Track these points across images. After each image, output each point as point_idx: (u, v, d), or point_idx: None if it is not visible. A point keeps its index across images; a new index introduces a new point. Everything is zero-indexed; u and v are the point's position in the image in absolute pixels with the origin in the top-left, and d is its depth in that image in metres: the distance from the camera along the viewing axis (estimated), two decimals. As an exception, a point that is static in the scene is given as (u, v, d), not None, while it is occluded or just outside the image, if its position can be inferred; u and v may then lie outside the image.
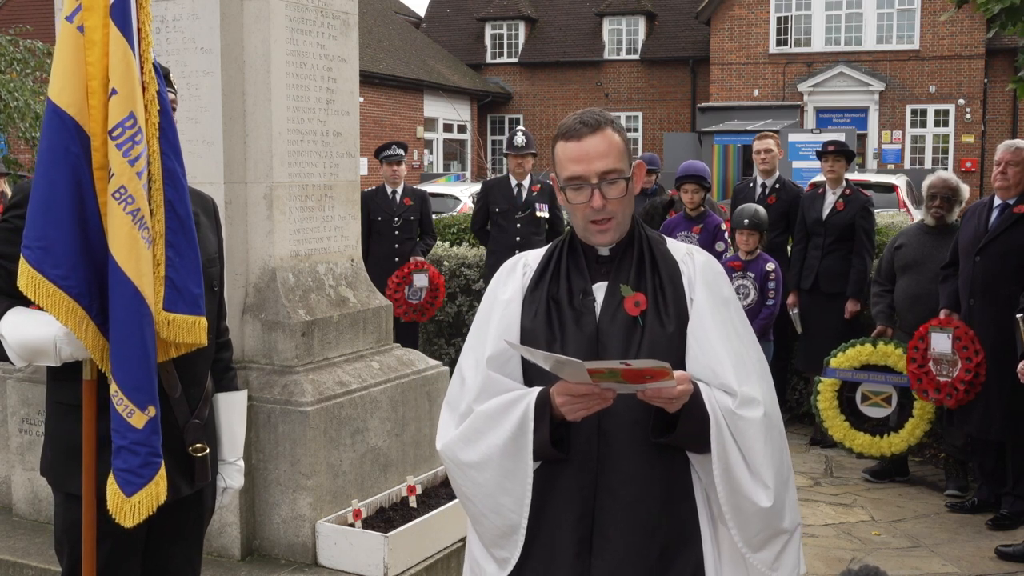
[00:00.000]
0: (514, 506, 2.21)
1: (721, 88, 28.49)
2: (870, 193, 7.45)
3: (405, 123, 28.57)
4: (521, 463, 2.18)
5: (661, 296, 2.25)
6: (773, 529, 2.23)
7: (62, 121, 2.49)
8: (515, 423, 2.17)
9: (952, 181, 6.05)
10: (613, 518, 2.20)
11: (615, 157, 2.24)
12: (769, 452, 2.19)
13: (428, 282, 7.68)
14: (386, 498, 4.45)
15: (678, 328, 2.23)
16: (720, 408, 2.16)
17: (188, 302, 2.61)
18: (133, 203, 2.49)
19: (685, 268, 2.30)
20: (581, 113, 2.31)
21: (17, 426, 4.55)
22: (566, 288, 2.29)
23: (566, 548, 2.21)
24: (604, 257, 2.32)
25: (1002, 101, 26.82)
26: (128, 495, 2.53)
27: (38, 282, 2.47)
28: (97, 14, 2.50)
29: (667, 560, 2.21)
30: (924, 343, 5.58)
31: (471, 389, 2.28)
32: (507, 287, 2.36)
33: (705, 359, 2.20)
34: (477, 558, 2.35)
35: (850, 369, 6.05)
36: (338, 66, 4.59)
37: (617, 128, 2.29)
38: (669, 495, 2.22)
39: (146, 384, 2.52)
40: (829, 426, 6.13)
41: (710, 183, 7.15)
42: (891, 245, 6.25)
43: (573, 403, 2.11)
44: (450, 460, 2.29)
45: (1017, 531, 5.29)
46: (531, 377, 2.27)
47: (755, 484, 2.18)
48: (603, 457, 2.20)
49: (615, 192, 2.23)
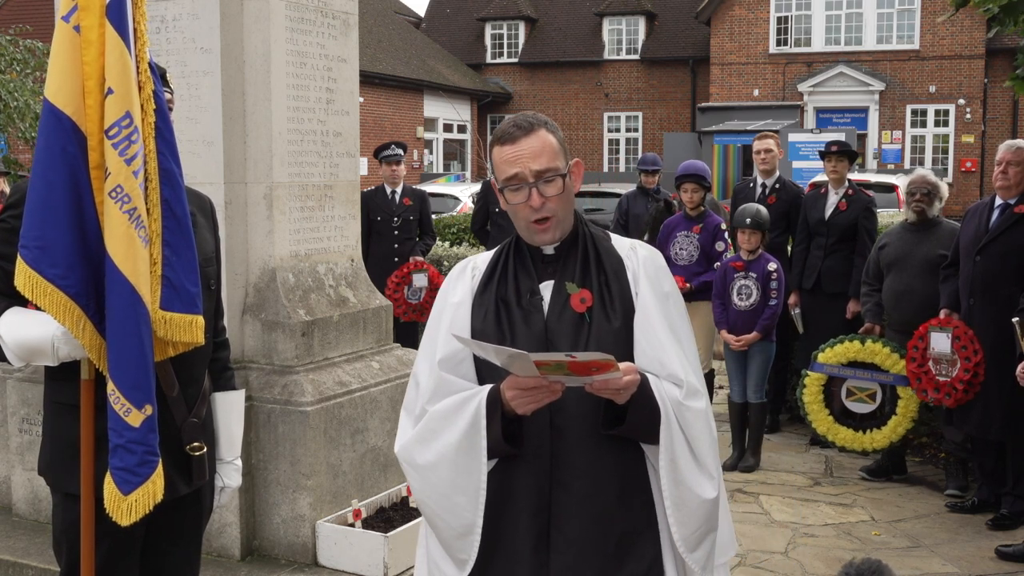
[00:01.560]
0: (468, 505, 2.23)
1: (721, 88, 28.49)
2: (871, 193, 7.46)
3: (405, 123, 28.56)
4: (475, 460, 2.21)
5: (607, 291, 2.30)
6: (709, 526, 2.27)
7: (59, 121, 2.49)
8: (467, 420, 2.20)
9: (931, 178, 6.12)
10: (568, 512, 2.23)
11: (549, 156, 2.28)
12: (712, 443, 2.26)
13: (428, 282, 7.68)
14: (386, 498, 4.45)
15: (624, 322, 2.28)
16: (668, 398, 2.20)
17: (185, 301, 2.62)
18: (130, 202, 2.49)
19: (629, 263, 2.34)
20: (514, 117, 2.35)
21: (17, 426, 4.55)
22: (514, 288, 2.34)
23: (524, 544, 2.24)
24: (549, 256, 2.37)
25: (1002, 101, 26.82)
26: (125, 493, 2.53)
27: (35, 281, 2.47)
28: (93, 14, 2.50)
29: (624, 551, 2.24)
30: (923, 343, 5.58)
31: (425, 391, 2.31)
32: (456, 290, 2.40)
33: (652, 351, 2.25)
34: (436, 560, 2.37)
35: (837, 365, 6.07)
36: (338, 66, 4.59)
37: (551, 129, 2.33)
38: (623, 487, 2.25)
39: (143, 383, 2.52)
40: (813, 420, 6.16)
41: (710, 182, 7.14)
42: (876, 245, 6.30)
43: (522, 396, 2.14)
44: (406, 462, 2.32)
45: (1017, 531, 5.28)
46: (484, 377, 2.30)
47: (701, 475, 2.23)
48: (556, 452, 2.24)
49: (552, 190, 2.28)
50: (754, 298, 6.35)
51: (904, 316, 5.90)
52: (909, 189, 6.14)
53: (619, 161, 31.81)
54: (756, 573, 4.81)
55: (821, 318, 6.86)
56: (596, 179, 19.44)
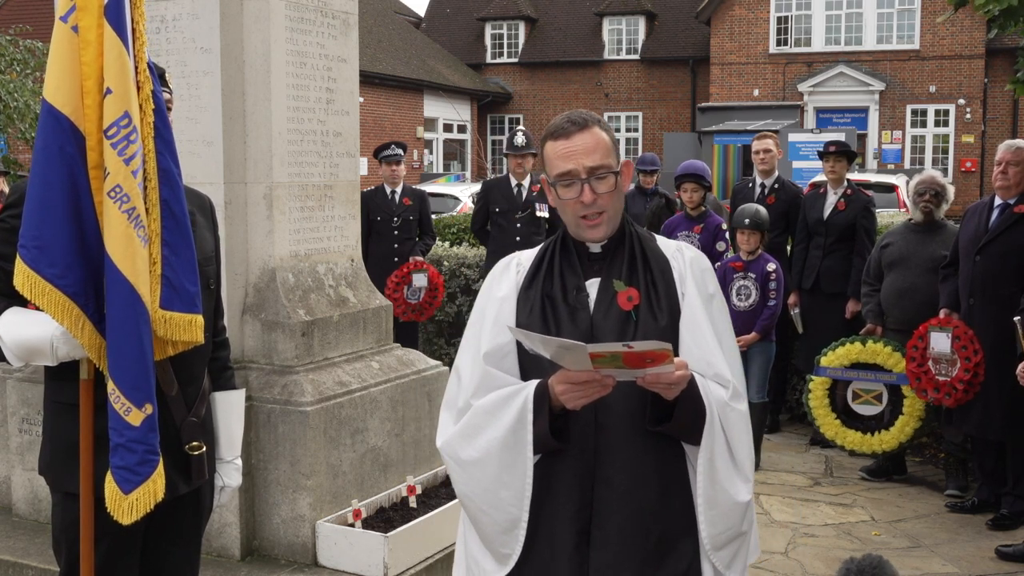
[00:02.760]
0: (514, 500, 2.23)
1: (721, 88, 28.49)
2: (870, 193, 7.46)
3: (405, 123, 28.56)
4: (520, 456, 2.20)
5: (653, 291, 2.30)
6: (737, 529, 2.28)
7: (57, 121, 2.49)
8: (514, 416, 2.20)
9: (940, 179, 6.11)
10: (609, 509, 2.23)
11: (603, 153, 2.28)
12: (749, 446, 2.27)
13: (427, 282, 7.68)
14: (386, 498, 4.45)
15: (670, 322, 2.28)
16: (714, 398, 2.20)
17: (185, 300, 2.62)
18: (129, 202, 2.49)
19: (675, 263, 2.35)
20: (569, 113, 2.35)
21: (17, 426, 4.55)
22: (560, 285, 2.33)
23: (565, 541, 2.24)
24: (596, 254, 2.36)
25: (1002, 101, 26.82)
26: (126, 492, 2.53)
27: (34, 281, 2.47)
28: (91, 14, 2.50)
29: (664, 549, 2.24)
30: (923, 342, 5.58)
31: (468, 386, 2.30)
32: (502, 285, 2.39)
33: (699, 351, 2.25)
34: (476, 556, 2.36)
35: (840, 368, 6.07)
36: (338, 66, 4.59)
37: (604, 127, 2.33)
38: (664, 487, 2.25)
39: (143, 382, 2.52)
40: (821, 424, 6.15)
41: (709, 182, 7.15)
42: (879, 244, 6.30)
43: (573, 391, 2.13)
44: (450, 458, 2.31)
45: (1017, 531, 5.29)
46: (528, 372, 2.29)
47: (737, 476, 2.24)
48: (599, 449, 2.23)
49: (604, 187, 2.28)
50: (753, 298, 6.35)
51: (906, 314, 5.90)
52: (918, 189, 6.12)
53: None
54: (756, 573, 4.81)
55: (820, 318, 6.87)
56: (596, 179, 19.42)
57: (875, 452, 6.05)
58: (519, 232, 7.65)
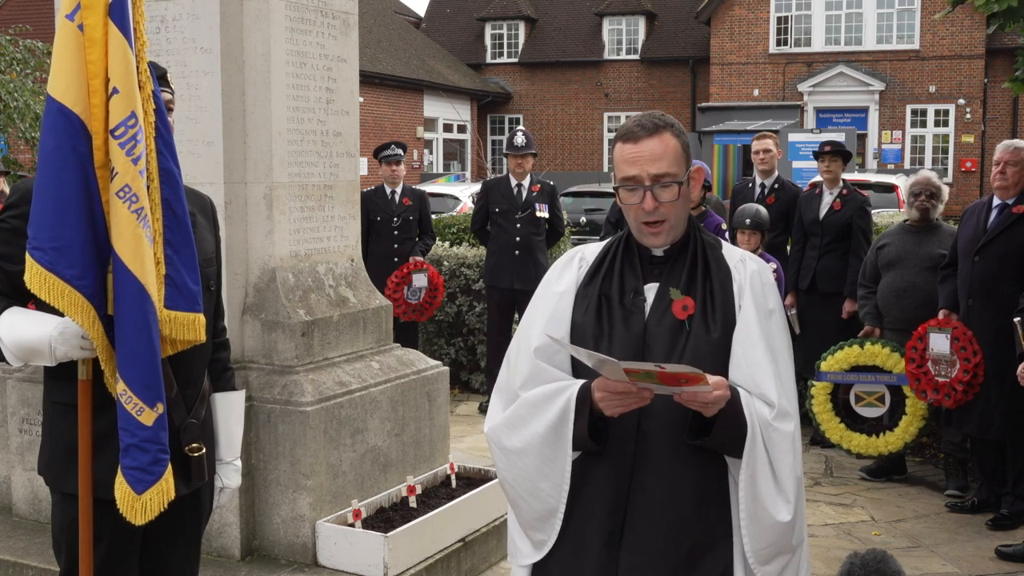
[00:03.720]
0: (552, 491, 2.27)
1: (721, 88, 28.48)
2: (869, 193, 7.46)
3: (405, 123, 28.56)
4: (561, 451, 2.24)
5: (710, 301, 2.29)
6: (782, 545, 2.26)
7: (68, 120, 2.49)
8: (557, 413, 2.23)
9: (935, 179, 6.12)
10: (643, 514, 2.24)
11: (670, 161, 2.27)
12: (794, 467, 2.24)
13: (427, 282, 7.68)
14: (386, 498, 4.45)
15: (723, 335, 2.26)
16: (757, 417, 2.19)
17: (188, 299, 2.62)
18: (137, 202, 2.49)
19: (737, 275, 2.32)
20: (641, 115, 2.34)
21: (17, 426, 4.55)
22: (618, 286, 2.34)
23: (595, 538, 2.27)
24: (658, 258, 2.35)
25: (1002, 101, 26.82)
26: (139, 493, 2.53)
27: (52, 283, 2.46)
28: (97, 13, 2.50)
29: (695, 560, 2.25)
30: (923, 343, 5.58)
31: (519, 376, 2.33)
32: (562, 279, 2.41)
33: (748, 368, 2.24)
34: (514, 538, 2.42)
35: (840, 371, 6.06)
36: (338, 66, 4.59)
37: (677, 132, 2.31)
38: (701, 497, 2.25)
39: (155, 381, 2.52)
40: (825, 429, 6.14)
41: (709, 182, 7.15)
42: (874, 246, 6.29)
43: (611, 399, 2.15)
44: (495, 444, 2.35)
45: (1017, 531, 5.29)
46: (578, 369, 2.31)
47: (778, 496, 2.22)
48: (639, 455, 2.25)
49: (667, 196, 2.26)
50: (754, 298, 6.35)
51: (905, 313, 5.90)
52: (913, 190, 6.13)
53: (619, 161, 31.78)
54: (756, 573, 4.81)
55: (817, 318, 6.87)
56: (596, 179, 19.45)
57: (880, 454, 6.04)
58: (519, 232, 7.65)
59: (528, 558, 2.36)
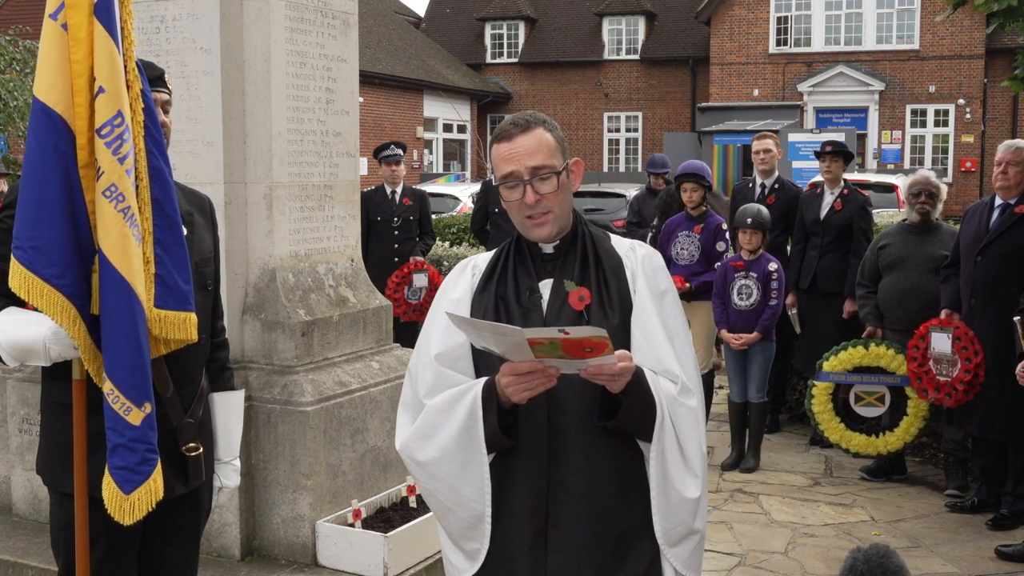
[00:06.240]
0: (475, 495, 2.26)
1: (721, 88, 28.48)
2: (869, 193, 7.46)
3: (405, 123, 28.56)
4: (476, 453, 2.23)
5: (605, 289, 2.32)
6: (689, 526, 2.28)
7: (50, 119, 2.48)
8: (465, 413, 2.22)
9: (934, 179, 6.12)
10: (566, 510, 2.24)
11: (545, 154, 2.30)
12: (700, 443, 2.27)
13: (428, 282, 7.68)
14: (386, 498, 4.45)
15: (622, 320, 2.30)
16: (664, 393, 2.21)
17: (178, 299, 2.62)
18: (124, 201, 2.48)
19: (628, 262, 2.36)
20: (514, 115, 2.37)
21: (17, 426, 4.55)
22: (514, 287, 2.36)
23: (523, 541, 2.26)
24: (549, 255, 2.39)
25: (1002, 101, 26.82)
26: (126, 493, 2.52)
27: (31, 282, 2.45)
28: (81, 12, 2.48)
29: (622, 550, 2.25)
30: (924, 343, 5.58)
31: (422, 386, 2.32)
32: (457, 287, 2.43)
33: (650, 348, 2.27)
34: (447, 555, 2.39)
35: (843, 372, 6.05)
36: (338, 66, 4.59)
37: (549, 127, 2.35)
38: (621, 486, 2.26)
39: (142, 381, 2.51)
40: (825, 428, 6.14)
41: (709, 181, 7.15)
42: (874, 246, 6.28)
43: (518, 382, 2.14)
44: (409, 459, 2.34)
45: (1017, 531, 5.29)
46: (481, 373, 2.31)
47: (686, 472, 2.24)
48: (554, 451, 2.25)
49: (547, 188, 2.29)
50: (754, 298, 6.36)
51: (908, 314, 5.89)
52: (913, 190, 6.13)
53: (619, 161, 31.80)
54: (756, 573, 4.81)
55: (818, 318, 6.87)
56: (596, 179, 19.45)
57: (880, 453, 6.05)
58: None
59: (464, 572, 2.33)
